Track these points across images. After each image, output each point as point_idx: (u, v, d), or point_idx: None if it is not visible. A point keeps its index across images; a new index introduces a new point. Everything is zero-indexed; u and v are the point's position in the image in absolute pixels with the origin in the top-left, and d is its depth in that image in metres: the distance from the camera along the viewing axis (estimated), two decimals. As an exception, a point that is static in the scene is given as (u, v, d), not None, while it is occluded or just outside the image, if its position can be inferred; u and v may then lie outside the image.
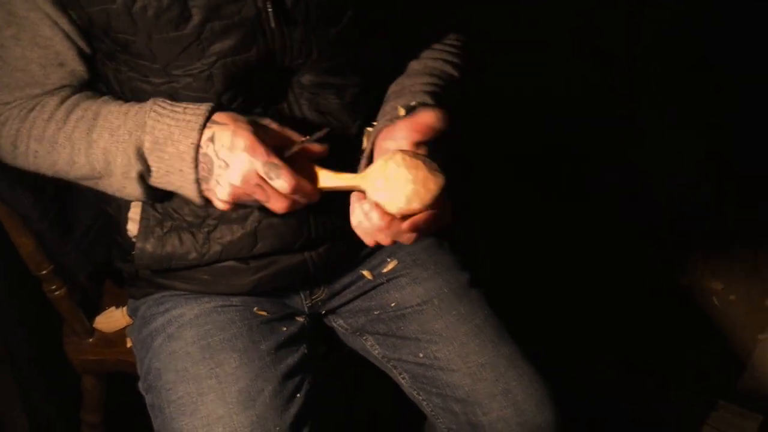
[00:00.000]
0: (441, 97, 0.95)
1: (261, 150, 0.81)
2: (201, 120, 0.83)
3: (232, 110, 0.88)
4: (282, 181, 0.81)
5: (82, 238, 1.11)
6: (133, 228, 0.99)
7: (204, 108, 0.84)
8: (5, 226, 1.09)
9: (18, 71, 0.88)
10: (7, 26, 0.85)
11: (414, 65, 1.00)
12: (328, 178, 0.86)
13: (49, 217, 1.08)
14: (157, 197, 0.91)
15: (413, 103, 0.88)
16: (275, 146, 0.84)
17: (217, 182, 0.83)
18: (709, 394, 1.59)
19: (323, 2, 0.85)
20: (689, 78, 2.01)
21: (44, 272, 1.13)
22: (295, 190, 0.82)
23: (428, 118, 0.82)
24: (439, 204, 0.80)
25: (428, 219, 0.80)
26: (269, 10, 0.83)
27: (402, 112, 0.88)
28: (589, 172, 2.03)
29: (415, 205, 0.78)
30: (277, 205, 0.84)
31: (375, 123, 0.92)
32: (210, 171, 0.83)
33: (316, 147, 0.87)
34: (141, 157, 0.85)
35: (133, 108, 0.86)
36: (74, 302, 1.17)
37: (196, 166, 0.83)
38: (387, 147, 0.83)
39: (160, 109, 0.84)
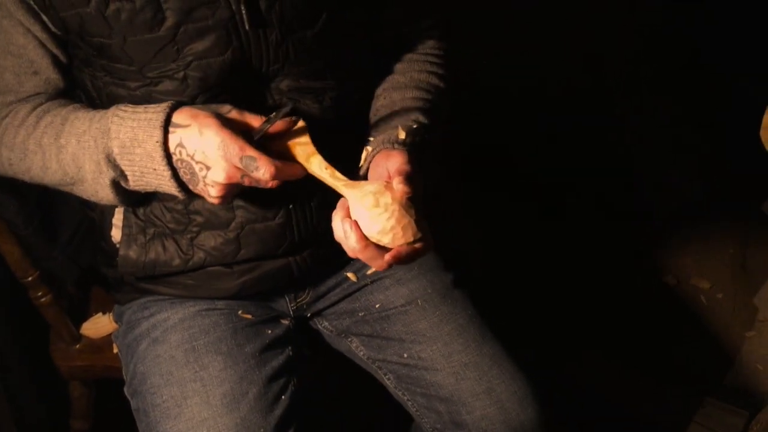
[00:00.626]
0: (430, 111, 0.97)
1: (233, 145, 0.81)
2: (162, 116, 0.82)
3: None
4: (262, 171, 0.82)
5: (68, 243, 1.12)
6: (116, 234, 0.99)
7: (164, 105, 0.84)
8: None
9: None
10: None
11: (399, 78, 1.01)
12: (320, 168, 0.87)
13: (34, 222, 1.09)
14: (131, 201, 0.91)
15: (415, 126, 0.91)
16: (243, 131, 0.84)
17: (205, 183, 0.83)
18: (697, 391, 1.60)
19: (298, 4, 0.86)
20: (682, 77, 2.03)
21: (30, 279, 1.13)
22: (277, 176, 0.82)
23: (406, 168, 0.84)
24: (409, 250, 0.83)
25: (399, 256, 0.82)
26: (243, 12, 0.83)
27: (402, 134, 0.90)
28: (579, 171, 2.04)
29: (385, 241, 0.81)
30: (268, 186, 0.84)
31: (371, 139, 0.93)
32: (193, 174, 0.83)
33: (281, 125, 0.86)
34: (112, 163, 0.85)
35: (98, 114, 0.86)
36: (61, 309, 1.17)
37: (169, 163, 0.83)
38: (382, 173, 0.85)
39: (121, 113, 0.84)
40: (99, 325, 1.21)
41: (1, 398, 1.42)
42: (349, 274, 1.09)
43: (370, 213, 0.81)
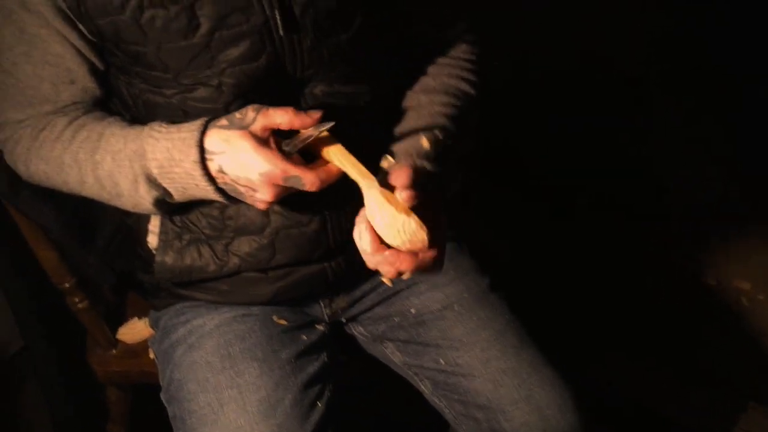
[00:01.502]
0: (458, 118, 0.95)
1: (274, 170, 0.80)
2: (196, 135, 0.82)
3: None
4: (308, 185, 0.82)
5: (105, 249, 1.12)
6: (153, 240, 1.00)
7: (196, 124, 0.83)
8: (29, 240, 1.11)
9: (30, 89, 0.89)
10: (18, 44, 0.86)
11: (430, 81, 0.99)
12: (343, 158, 0.85)
13: (71, 228, 1.09)
14: (171, 211, 0.92)
15: (440, 136, 0.90)
16: (275, 140, 0.83)
17: (254, 200, 0.84)
18: (739, 395, 1.56)
19: (332, 9, 0.85)
20: (693, 78, 1.99)
21: (68, 285, 1.14)
22: (321, 185, 0.82)
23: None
24: (418, 258, 0.81)
25: (405, 262, 0.81)
26: (277, 17, 0.83)
27: (426, 144, 0.89)
28: (593, 173, 2.01)
29: (389, 240, 0.79)
30: (314, 187, 0.83)
31: (394, 148, 0.91)
32: (240, 194, 0.84)
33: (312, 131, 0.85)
34: (154, 183, 0.86)
35: (132, 132, 0.87)
36: (98, 314, 1.18)
37: (210, 179, 0.83)
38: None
39: (155, 134, 0.85)
40: (135, 330, 1.22)
41: (39, 402, 1.45)
42: (384, 279, 1.07)
43: (383, 210, 0.79)
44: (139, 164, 0.85)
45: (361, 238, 0.80)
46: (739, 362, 1.66)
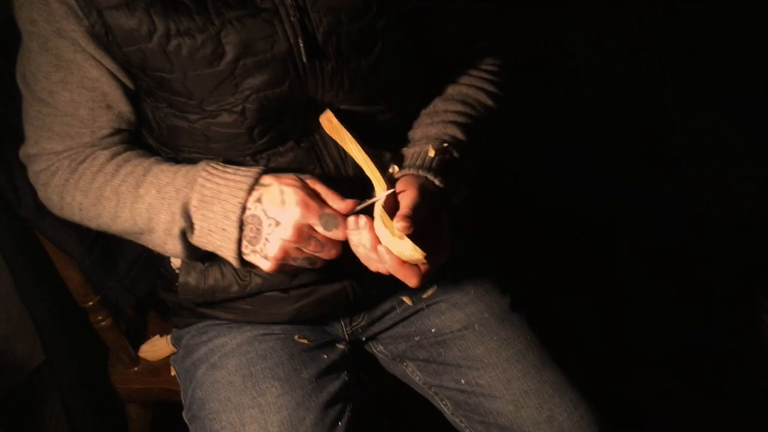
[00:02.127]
0: (471, 127, 0.96)
1: (313, 203, 0.82)
2: (250, 181, 0.84)
3: (264, 144, 0.90)
4: (341, 231, 0.83)
5: (126, 274, 1.14)
6: (177, 261, 1.00)
7: (255, 170, 0.86)
8: (54, 260, 1.12)
9: (67, 116, 0.90)
10: (56, 71, 0.87)
11: (449, 89, 1.01)
12: (360, 156, 0.87)
13: (94, 253, 1.11)
14: (196, 257, 0.92)
15: (445, 145, 0.91)
16: (320, 199, 0.85)
17: (267, 240, 0.83)
18: (759, 411, 1.54)
19: (354, 35, 0.86)
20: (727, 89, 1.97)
21: (91, 303, 1.15)
22: (345, 237, 0.84)
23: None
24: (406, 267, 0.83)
25: (395, 265, 0.82)
26: (301, 45, 0.84)
27: (432, 152, 0.90)
28: (624, 186, 1.99)
29: (385, 241, 0.81)
30: (331, 253, 0.85)
31: (403, 150, 0.94)
32: (258, 231, 0.84)
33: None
34: (186, 214, 0.87)
35: (184, 167, 0.88)
36: (120, 332, 1.19)
37: (240, 227, 0.84)
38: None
39: (211, 169, 0.86)
40: (156, 348, 1.23)
41: (60, 417, 1.45)
42: (405, 298, 1.08)
43: (380, 226, 0.82)
44: (184, 193, 0.86)
45: (360, 231, 0.82)
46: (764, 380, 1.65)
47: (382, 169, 0.89)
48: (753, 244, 1.91)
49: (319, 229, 0.83)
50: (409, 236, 0.79)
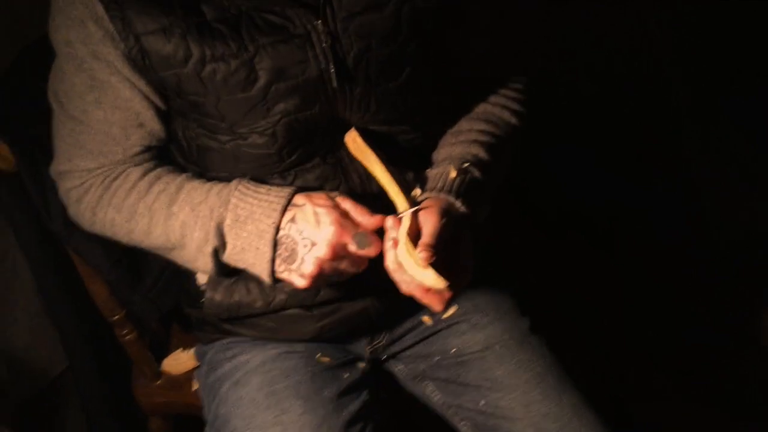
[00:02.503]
0: (494, 146, 0.98)
1: (346, 223, 0.84)
2: (284, 202, 0.86)
3: (292, 162, 0.91)
4: (373, 248, 0.85)
5: (151, 287, 1.15)
6: (202, 278, 1.02)
7: (287, 191, 0.87)
8: (81, 273, 1.14)
9: (100, 134, 0.92)
10: (90, 91, 0.89)
11: (474, 108, 1.02)
12: (384, 177, 0.89)
13: (121, 267, 1.13)
14: (225, 273, 0.94)
15: (467, 165, 0.93)
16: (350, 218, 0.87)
17: (303, 260, 0.85)
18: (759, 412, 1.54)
19: (383, 60, 0.88)
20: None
21: (116, 317, 1.17)
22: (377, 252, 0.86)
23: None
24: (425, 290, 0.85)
25: (419, 291, 0.85)
26: (332, 70, 0.86)
27: (453, 174, 0.92)
28: (644, 204, 1.99)
29: (409, 269, 0.83)
30: (361, 267, 0.88)
31: (427, 172, 0.95)
32: (294, 251, 0.86)
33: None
34: (219, 233, 0.88)
35: (217, 186, 0.90)
36: (144, 346, 1.20)
37: (275, 246, 0.86)
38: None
39: (244, 189, 0.88)
40: (179, 362, 1.24)
41: (81, 425, 1.47)
42: (425, 318, 1.09)
43: (403, 255, 0.83)
44: (218, 213, 0.88)
45: (386, 253, 0.85)
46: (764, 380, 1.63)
47: (406, 189, 0.90)
48: (754, 244, 1.90)
49: (352, 247, 0.85)
50: (432, 263, 0.81)
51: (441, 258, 0.82)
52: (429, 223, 0.85)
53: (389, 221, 0.86)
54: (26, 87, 1.06)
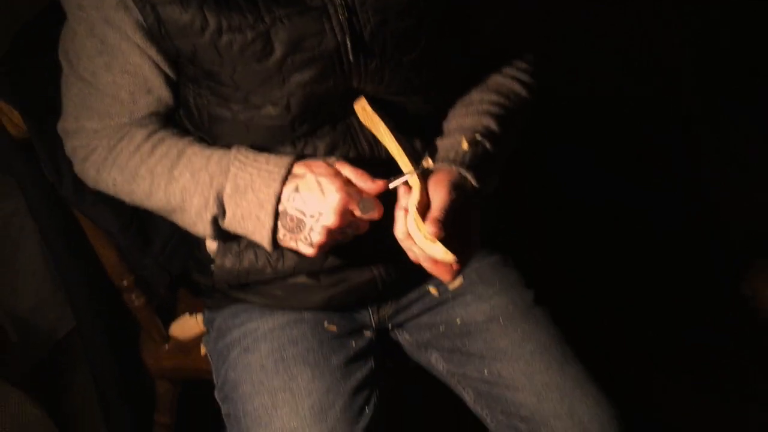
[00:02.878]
0: (504, 118, 0.98)
1: (350, 189, 0.85)
2: (283, 171, 0.87)
3: (303, 131, 0.92)
4: (376, 212, 0.86)
5: (161, 251, 1.16)
6: (212, 244, 1.03)
7: (287, 160, 0.88)
8: (90, 239, 1.15)
9: (108, 97, 0.92)
10: (99, 55, 0.89)
11: (485, 79, 1.02)
12: (393, 146, 0.90)
13: (130, 231, 1.14)
14: (225, 237, 0.95)
15: (479, 137, 0.93)
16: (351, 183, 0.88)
17: (311, 228, 0.86)
18: (759, 411, 1.55)
19: (399, 34, 0.88)
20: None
21: (126, 283, 1.18)
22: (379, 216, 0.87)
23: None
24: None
25: (429, 263, 0.87)
26: (348, 43, 0.86)
27: (465, 145, 0.92)
28: (658, 191, 1.99)
29: (418, 241, 0.84)
30: (365, 228, 0.89)
31: (437, 141, 0.96)
32: (300, 222, 0.87)
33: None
34: (219, 201, 0.89)
35: (216, 153, 0.91)
36: (152, 311, 1.22)
37: (275, 215, 0.87)
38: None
39: (242, 158, 0.89)
40: (186, 327, 1.26)
41: (89, 385, 1.49)
42: (431, 288, 1.11)
43: (413, 227, 0.84)
44: (218, 181, 0.89)
45: (396, 222, 0.86)
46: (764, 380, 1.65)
47: (414, 157, 0.91)
48: (755, 244, 1.91)
49: (357, 213, 0.86)
50: (440, 238, 0.82)
51: (449, 232, 0.83)
52: (438, 197, 0.86)
53: (401, 189, 0.87)
54: (36, 53, 1.06)
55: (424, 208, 0.86)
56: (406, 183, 0.89)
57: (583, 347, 1.06)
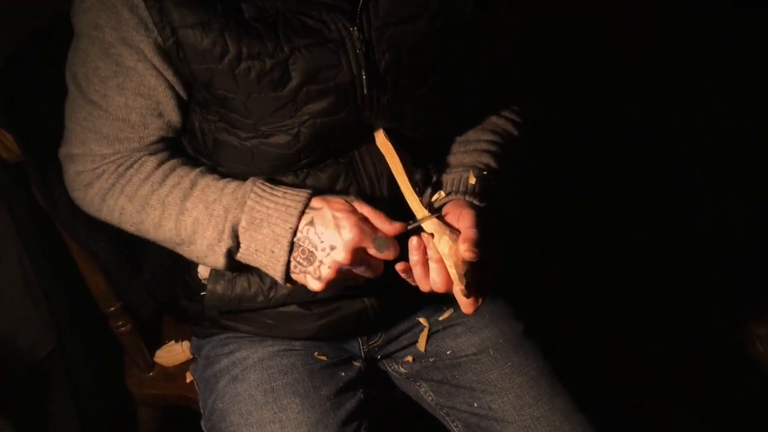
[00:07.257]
0: (501, 156, 1.00)
1: (366, 227, 0.85)
2: (300, 206, 0.87)
3: (308, 162, 0.92)
4: (391, 251, 0.86)
5: (150, 278, 1.15)
6: (203, 271, 1.02)
7: (304, 195, 0.88)
8: (79, 264, 1.14)
9: (118, 121, 0.91)
10: (114, 76, 0.88)
11: (481, 118, 1.05)
12: (401, 177, 0.91)
13: (122, 257, 1.13)
14: (234, 268, 0.94)
15: (485, 172, 0.94)
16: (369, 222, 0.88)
17: (321, 262, 0.86)
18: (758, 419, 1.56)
19: (413, 68, 0.90)
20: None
21: (113, 309, 1.17)
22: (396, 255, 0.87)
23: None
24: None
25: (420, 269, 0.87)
26: (363, 77, 0.87)
27: (473, 180, 0.93)
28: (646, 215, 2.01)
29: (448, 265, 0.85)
30: (378, 271, 0.89)
31: (444, 177, 0.97)
32: (312, 254, 0.86)
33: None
34: (234, 234, 0.89)
35: (231, 184, 0.90)
36: (138, 337, 1.21)
37: (290, 250, 0.87)
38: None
39: (259, 191, 0.88)
40: (172, 354, 1.24)
41: (69, 408, 1.47)
42: (421, 319, 1.11)
43: (438, 240, 0.85)
44: (233, 214, 0.88)
45: (411, 252, 0.86)
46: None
47: (424, 191, 0.93)
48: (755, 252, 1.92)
49: (372, 251, 0.86)
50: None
51: (484, 258, 0.83)
52: (465, 218, 0.86)
53: (416, 240, 0.86)
54: (30, 75, 1.05)
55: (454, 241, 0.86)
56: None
57: (579, 367, 1.06)
